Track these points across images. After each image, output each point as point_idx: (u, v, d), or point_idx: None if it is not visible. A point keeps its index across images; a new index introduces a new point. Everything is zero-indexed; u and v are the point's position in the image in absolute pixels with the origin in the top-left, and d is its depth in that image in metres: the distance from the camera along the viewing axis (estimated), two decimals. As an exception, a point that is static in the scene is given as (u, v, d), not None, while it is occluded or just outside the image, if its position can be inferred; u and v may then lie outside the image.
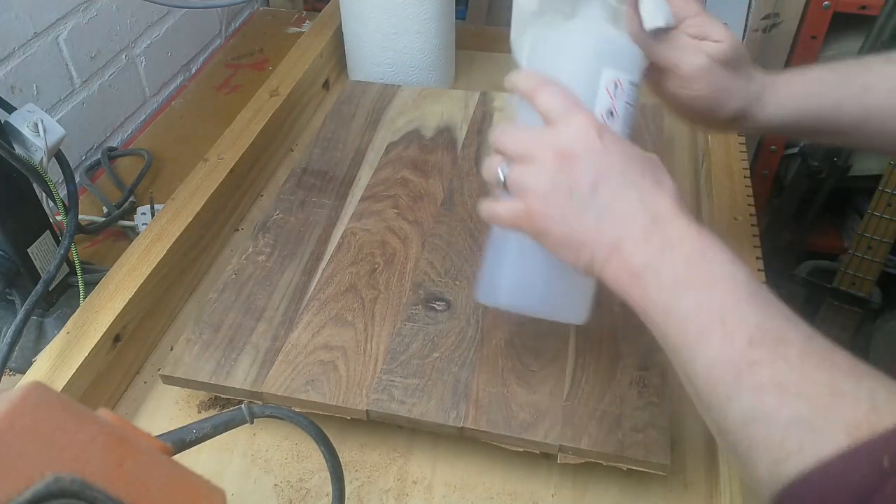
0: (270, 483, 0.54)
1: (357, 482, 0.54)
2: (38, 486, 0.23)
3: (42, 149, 0.58)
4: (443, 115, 0.85)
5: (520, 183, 0.43)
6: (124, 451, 0.26)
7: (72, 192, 0.60)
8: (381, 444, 0.56)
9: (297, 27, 1.20)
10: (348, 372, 0.56)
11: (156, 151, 0.92)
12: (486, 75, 1.01)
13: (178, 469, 0.28)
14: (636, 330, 0.59)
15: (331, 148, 0.80)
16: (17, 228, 0.60)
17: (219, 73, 1.10)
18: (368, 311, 0.61)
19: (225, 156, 0.75)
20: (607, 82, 0.46)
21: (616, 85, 0.47)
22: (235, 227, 0.77)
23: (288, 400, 0.55)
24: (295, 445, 0.56)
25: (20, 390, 0.25)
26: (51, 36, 0.83)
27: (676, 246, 0.40)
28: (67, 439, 0.25)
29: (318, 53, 0.93)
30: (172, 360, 0.58)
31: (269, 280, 0.64)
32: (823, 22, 1.17)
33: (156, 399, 0.61)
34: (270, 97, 0.84)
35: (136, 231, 0.79)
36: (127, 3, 0.94)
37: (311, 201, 0.73)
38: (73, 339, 0.57)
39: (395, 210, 0.71)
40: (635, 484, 0.54)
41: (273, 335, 0.59)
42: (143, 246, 0.64)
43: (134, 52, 0.98)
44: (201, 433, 0.37)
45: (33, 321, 0.64)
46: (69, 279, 0.66)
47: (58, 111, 0.86)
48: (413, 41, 0.91)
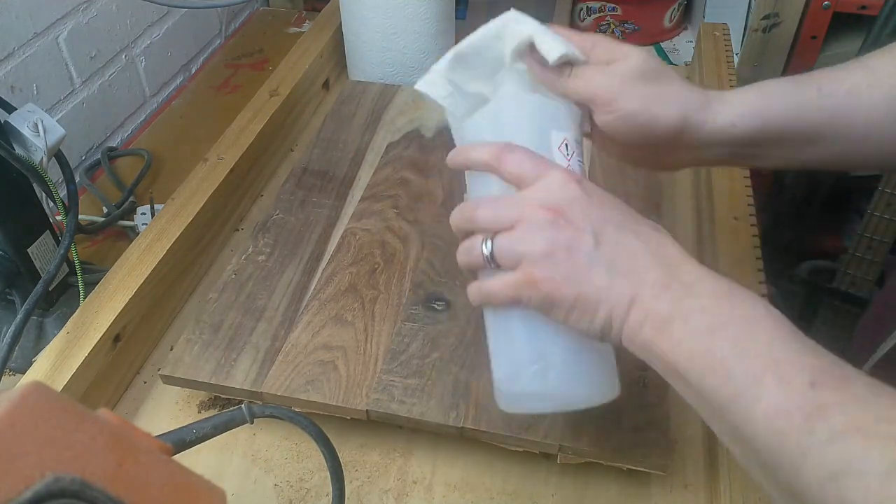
0: (270, 483, 0.54)
1: (357, 482, 0.54)
2: (38, 486, 0.23)
3: (42, 149, 0.58)
4: (443, 116, 0.84)
5: (512, 251, 0.40)
6: (124, 451, 0.26)
7: (72, 192, 0.60)
8: (381, 444, 0.56)
9: (297, 27, 1.20)
10: (348, 372, 0.56)
11: (156, 151, 0.92)
12: (486, 75, 1.01)
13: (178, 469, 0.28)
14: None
15: (331, 148, 0.80)
16: (17, 228, 0.60)
17: (219, 73, 1.10)
18: (368, 311, 0.61)
19: (225, 156, 0.75)
20: (558, 143, 0.44)
21: (566, 145, 0.45)
22: (235, 227, 0.77)
23: (288, 400, 0.55)
24: (295, 445, 0.56)
25: (20, 390, 0.25)
26: (51, 36, 0.83)
27: (697, 288, 0.37)
28: (67, 439, 0.25)
29: (318, 53, 0.93)
30: (172, 360, 0.58)
31: (269, 280, 0.64)
32: (823, 22, 1.17)
33: (156, 399, 0.61)
34: (270, 97, 0.84)
35: (136, 231, 0.79)
36: (127, 3, 0.94)
37: (311, 201, 0.73)
38: (73, 339, 0.57)
39: (395, 210, 0.71)
40: (635, 484, 0.54)
41: (273, 335, 0.59)
42: (143, 246, 0.64)
43: (134, 52, 0.98)
44: (201, 433, 0.37)
45: (33, 321, 0.64)
46: (69, 279, 0.66)
47: (58, 111, 0.86)
48: (413, 41, 0.91)
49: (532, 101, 0.47)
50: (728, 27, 0.95)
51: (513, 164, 0.41)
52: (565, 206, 0.39)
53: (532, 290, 0.39)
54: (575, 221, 0.39)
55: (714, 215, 0.68)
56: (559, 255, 0.39)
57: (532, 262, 0.39)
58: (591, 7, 1.19)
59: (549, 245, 0.39)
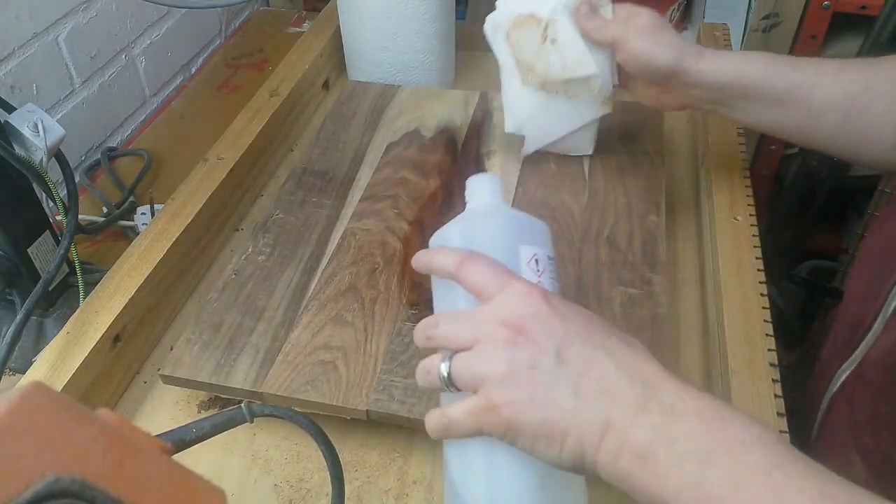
0: (270, 483, 0.54)
1: (357, 482, 0.54)
2: (38, 486, 0.23)
3: (42, 149, 0.58)
4: (443, 115, 0.85)
5: (470, 373, 0.37)
6: (124, 451, 0.26)
7: (72, 192, 0.60)
8: (381, 444, 0.56)
9: (297, 27, 1.20)
10: (348, 372, 0.56)
11: (156, 151, 0.92)
12: (486, 75, 1.01)
13: (178, 469, 0.28)
14: (635, 329, 0.59)
15: (331, 148, 0.80)
16: (17, 228, 0.60)
17: (219, 73, 1.10)
18: (368, 311, 0.61)
19: (225, 156, 0.75)
20: (527, 259, 0.43)
21: (536, 261, 0.43)
22: (235, 227, 0.77)
23: (288, 400, 0.55)
24: (295, 445, 0.56)
25: (20, 390, 0.25)
26: (51, 36, 0.83)
27: (680, 409, 0.33)
28: (67, 439, 0.25)
29: (317, 53, 0.93)
30: (172, 360, 0.58)
31: (269, 280, 0.64)
32: (823, 22, 1.17)
33: (156, 399, 0.61)
34: (270, 97, 0.84)
35: (136, 231, 0.79)
36: (127, 3, 0.94)
37: (311, 201, 0.73)
38: (73, 339, 0.57)
39: (395, 210, 0.71)
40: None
41: (273, 335, 0.59)
42: (143, 246, 0.64)
43: (134, 52, 0.98)
44: (201, 432, 0.37)
45: (33, 321, 0.64)
46: (69, 279, 0.66)
47: (58, 111, 0.86)
48: (413, 41, 0.91)
49: (503, 215, 0.46)
50: (728, 27, 0.95)
51: (474, 275, 0.39)
52: (527, 321, 0.36)
53: (493, 415, 0.36)
54: (536, 338, 0.36)
55: (714, 215, 0.68)
56: (520, 377, 0.35)
57: (492, 384, 0.36)
58: (591, 7, 1.19)
59: (508, 366, 0.35)
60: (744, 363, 0.54)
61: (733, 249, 0.63)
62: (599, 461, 0.34)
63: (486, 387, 0.36)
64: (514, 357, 0.36)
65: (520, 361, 0.35)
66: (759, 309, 0.58)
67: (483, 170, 0.76)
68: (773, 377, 0.53)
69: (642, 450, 0.33)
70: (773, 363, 0.54)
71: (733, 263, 0.62)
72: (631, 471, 0.33)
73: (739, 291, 0.59)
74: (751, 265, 0.62)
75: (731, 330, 0.56)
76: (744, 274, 0.61)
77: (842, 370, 0.64)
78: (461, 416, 0.37)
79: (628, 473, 0.33)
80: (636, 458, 0.33)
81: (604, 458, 0.34)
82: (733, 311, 0.58)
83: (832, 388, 0.65)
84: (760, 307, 0.58)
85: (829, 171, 1.27)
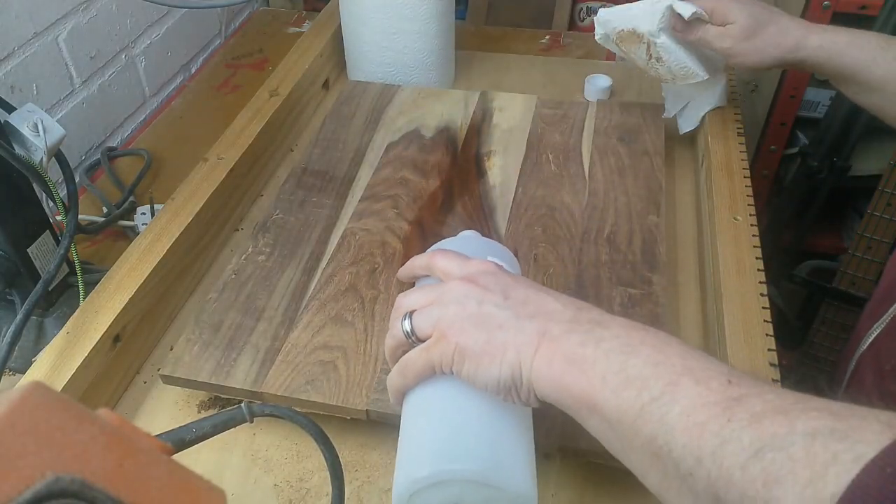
0: (270, 483, 0.54)
1: (357, 482, 0.54)
2: (38, 486, 0.23)
3: (42, 149, 0.58)
4: (443, 115, 0.85)
5: (428, 319, 0.42)
6: (124, 451, 0.26)
7: (72, 192, 0.60)
8: (381, 444, 0.56)
9: (297, 27, 1.20)
10: (348, 372, 0.56)
11: (155, 151, 0.92)
12: (486, 75, 1.01)
13: (178, 469, 0.28)
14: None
15: (331, 148, 0.80)
16: (17, 228, 0.60)
17: (219, 73, 1.10)
18: (368, 311, 0.61)
19: (225, 156, 0.75)
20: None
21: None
22: (235, 227, 0.77)
23: (288, 400, 0.55)
24: (295, 445, 0.56)
25: (20, 390, 0.25)
26: (51, 36, 0.83)
27: (608, 321, 0.38)
28: (67, 439, 0.25)
29: (317, 53, 0.93)
30: (172, 359, 0.58)
31: (269, 280, 0.64)
32: (823, 22, 1.17)
33: (156, 399, 0.61)
34: (270, 97, 0.84)
35: (136, 231, 0.79)
36: (127, 3, 0.94)
37: (311, 201, 0.73)
38: (73, 339, 0.57)
39: (395, 210, 0.71)
40: (635, 484, 0.53)
41: (273, 335, 0.59)
42: (143, 246, 0.64)
43: (134, 52, 0.98)
44: (201, 432, 0.37)
45: (33, 321, 0.64)
46: (69, 279, 0.66)
47: (58, 111, 0.86)
48: (413, 41, 0.91)
49: (480, 242, 0.55)
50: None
51: (442, 261, 0.47)
52: (480, 276, 0.43)
53: (443, 342, 0.40)
54: (487, 286, 0.42)
55: (714, 215, 0.68)
56: (469, 309, 0.41)
57: (445, 320, 0.41)
58: (592, 7, 1.19)
59: (460, 304, 0.41)
60: (744, 363, 0.54)
61: (733, 249, 0.63)
62: (535, 367, 0.38)
63: (440, 324, 0.41)
64: (465, 296, 0.41)
65: (470, 299, 0.41)
66: (759, 309, 0.58)
67: (483, 170, 0.76)
68: (774, 377, 0.53)
69: (572, 353, 0.37)
70: (773, 363, 0.54)
71: (733, 263, 0.62)
72: (563, 373, 0.37)
73: (739, 291, 0.59)
74: (751, 265, 0.62)
75: (731, 330, 0.56)
76: (744, 274, 0.61)
77: (871, 331, 0.69)
78: (414, 354, 0.42)
79: (560, 376, 0.37)
80: (567, 362, 0.37)
81: (538, 363, 0.38)
82: (733, 311, 0.58)
83: (861, 349, 0.69)
84: (760, 307, 0.58)
85: (829, 171, 1.27)
